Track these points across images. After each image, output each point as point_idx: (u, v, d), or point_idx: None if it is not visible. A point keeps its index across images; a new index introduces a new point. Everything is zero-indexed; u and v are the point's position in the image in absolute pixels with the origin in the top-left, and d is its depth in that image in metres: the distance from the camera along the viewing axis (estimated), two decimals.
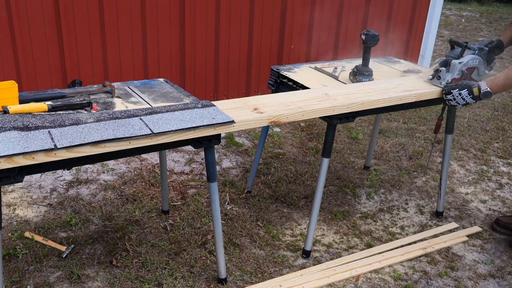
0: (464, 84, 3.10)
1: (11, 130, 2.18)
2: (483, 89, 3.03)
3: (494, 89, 3.03)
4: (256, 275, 3.08)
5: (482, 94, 3.03)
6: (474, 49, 3.28)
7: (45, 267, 3.03)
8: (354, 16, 6.05)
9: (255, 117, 2.62)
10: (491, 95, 3.03)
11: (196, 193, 3.91)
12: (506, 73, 3.01)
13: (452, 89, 3.12)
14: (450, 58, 3.25)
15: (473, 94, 3.06)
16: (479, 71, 3.28)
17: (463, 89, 3.08)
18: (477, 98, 3.08)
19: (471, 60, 3.22)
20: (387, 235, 3.56)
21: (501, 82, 3.02)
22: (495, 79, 3.05)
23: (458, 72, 3.20)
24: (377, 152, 4.77)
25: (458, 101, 3.12)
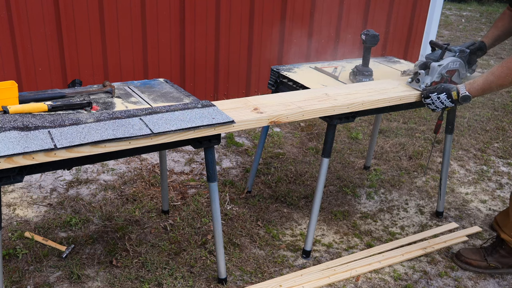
0: (442, 88, 3.01)
1: (11, 130, 2.18)
2: (462, 93, 2.93)
3: (473, 93, 2.93)
4: (256, 275, 3.08)
5: (460, 98, 2.94)
6: (455, 51, 3.18)
7: (45, 267, 3.02)
8: (354, 16, 6.05)
9: (255, 117, 2.62)
10: (469, 99, 2.93)
11: (196, 193, 3.91)
12: (485, 77, 2.90)
13: (430, 93, 3.03)
14: (430, 60, 3.17)
15: (452, 98, 2.97)
16: (460, 74, 3.19)
17: (441, 92, 2.99)
18: (456, 102, 2.98)
19: (451, 63, 3.13)
20: (387, 235, 3.56)
21: (480, 86, 2.90)
22: (474, 82, 2.94)
23: (437, 75, 3.12)
24: (377, 152, 4.77)
25: (437, 105, 3.04)
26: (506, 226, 3.18)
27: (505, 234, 3.18)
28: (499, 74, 2.80)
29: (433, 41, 3.29)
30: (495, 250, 3.22)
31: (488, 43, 3.34)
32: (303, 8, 5.60)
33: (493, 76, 2.82)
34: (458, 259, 3.28)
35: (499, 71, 2.80)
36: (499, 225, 3.24)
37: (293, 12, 5.56)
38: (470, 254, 3.26)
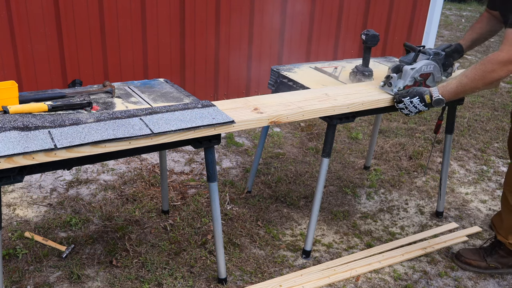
0: (415, 92, 2.91)
1: (11, 130, 2.18)
2: (435, 97, 2.85)
3: (446, 96, 2.85)
4: (256, 275, 3.08)
5: (433, 101, 2.86)
6: (429, 53, 3.11)
7: (45, 267, 3.03)
8: (354, 16, 6.05)
9: (255, 117, 2.62)
10: (443, 102, 2.85)
11: (196, 193, 3.91)
12: (458, 79, 2.80)
13: (403, 97, 2.94)
14: (403, 63, 3.08)
15: (425, 102, 2.88)
16: (434, 77, 3.10)
17: (414, 96, 2.90)
18: (430, 106, 2.90)
19: (424, 66, 3.04)
20: (387, 235, 3.56)
21: (453, 89, 2.82)
22: (447, 85, 2.86)
23: (410, 78, 3.02)
24: (377, 152, 4.77)
25: (410, 109, 2.94)
26: (501, 228, 3.18)
27: (501, 236, 3.19)
28: (473, 77, 2.72)
29: (407, 44, 3.20)
30: (494, 250, 3.22)
31: (465, 46, 3.28)
32: (303, 7, 5.61)
33: (467, 79, 2.75)
34: (458, 259, 3.28)
35: (472, 74, 2.72)
36: (496, 227, 3.25)
37: (293, 11, 5.56)
38: (469, 254, 3.26)
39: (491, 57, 2.63)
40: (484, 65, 2.66)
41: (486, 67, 2.65)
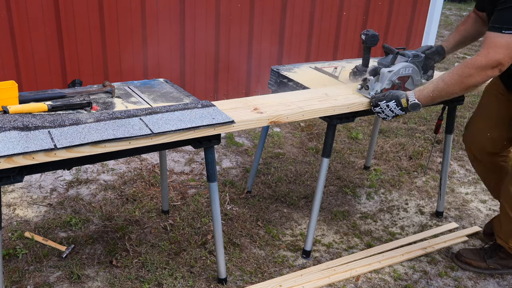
0: (391, 95, 2.83)
1: (11, 130, 2.18)
2: (411, 101, 2.77)
3: (422, 101, 2.76)
4: (256, 275, 3.08)
5: (409, 106, 2.77)
6: (409, 55, 3.02)
7: (45, 267, 3.03)
8: (354, 16, 6.05)
9: (255, 117, 2.62)
10: (419, 107, 2.76)
11: (196, 193, 3.91)
12: (435, 83, 2.72)
13: (379, 101, 2.85)
14: (381, 65, 3.00)
15: (402, 106, 2.80)
16: (413, 80, 3.04)
17: (390, 100, 2.81)
18: (407, 110, 2.82)
19: (402, 69, 2.97)
20: (387, 235, 3.56)
21: (429, 94, 2.74)
22: (424, 89, 2.77)
23: (387, 81, 2.94)
24: (377, 152, 4.77)
25: (387, 113, 2.85)
26: (500, 232, 3.17)
27: (500, 240, 3.17)
28: (450, 82, 2.64)
29: (385, 45, 3.11)
30: (494, 252, 3.21)
31: (448, 48, 3.19)
32: (303, 6, 5.60)
33: (443, 83, 2.67)
34: (458, 259, 3.27)
35: (449, 78, 2.65)
36: (496, 230, 3.24)
37: (293, 11, 5.56)
38: (470, 254, 3.25)
39: (469, 62, 2.55)
40: (461, 70, 2.58)
41: (463, 71, 2.57)
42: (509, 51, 2.44)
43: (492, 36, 2.47)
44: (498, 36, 2.44)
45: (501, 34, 2.43)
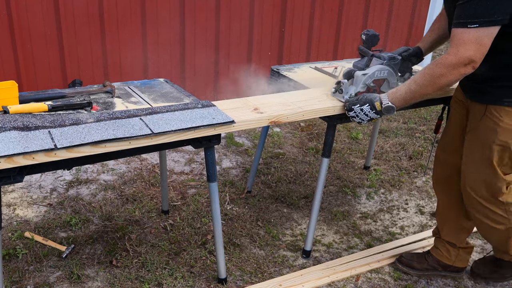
0: (365, 99, 2.73)
1: (11, 130, 2.18)
2: (384, 104, 2.66)
3: (396, 104, 2.65)
4: (256, 275, 3.08)
5: (383, 109, 2.67)
6: (384, 58, 2.92)
7: (45, 267, 3.03)
8: (354, 16, 6.05)
9: (255, 117, 2.62)
10: (393, 110, 2.66)
11: (196, 193, 3.91)
12: (407, 85, 2.60)
13: (353, 105, 2.76)
14: (356, 68, 2.91)
15: (376, 109, 2.70)
16: (389, 83, 2.93)
17: (364, 104, 2.72)
18: (381, 113, 2.72)
19: (377, 71, 2.87)
20: (387, 235, 3.56)
21: (402, 96, 2.62)
22: (397, 92, 2.65)
23: (362, 85, 2.85)
24: (377, 152, 4.77)
25: (362, 117, 2.76)
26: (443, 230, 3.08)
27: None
28: (422, 83, 2.52)
29: (360, 47, 3.00)
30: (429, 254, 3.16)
31: (425, 48, 3.08)
32: (303, 6, 5.60)
33: (416, 84, 2.55)
34: (399, 262, 3.19)
35: (421, 79, 2.53)
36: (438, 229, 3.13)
37: (293, 11, 5.56)
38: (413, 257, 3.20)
39: (439, 61, 2.43)
40: (432, 70, 2.46)
41: (434, 71, 2.45)
42: (478, 46, 2.31)
43: (459, 32, 2.34)
44: (465, 32, 2.31)
45: (467, 29, 2.30)
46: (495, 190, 2.65)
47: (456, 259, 3.09)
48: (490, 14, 2.24)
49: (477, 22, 2.26)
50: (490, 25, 2.26)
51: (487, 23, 2.25)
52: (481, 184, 2.67)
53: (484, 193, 2.68)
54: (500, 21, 2.26)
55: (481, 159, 2.62)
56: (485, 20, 2.25)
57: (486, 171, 2.62)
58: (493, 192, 2.66)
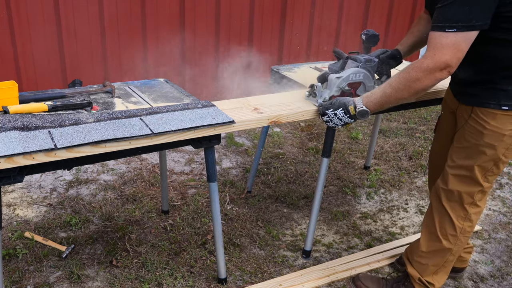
0: (339, 103, 2.66)
1: (11, 130, 2.18)
2: (359, 108, 2.58)
3: (371, 108, 2.57)
4: (256, 275, 3.08)
5: (357, 113, 2.59)
6: (360, 60, 2.84)
7: (45, 267, 3.03)
8: (354, 15, 6.04)
9: (255, 117, 2.62)
10: (368, 114, 2.58)
11: (196, 193, 3.91)
12: (382, 89, 2.52)
13: (326, 109, 2.69)
14: (331, 71, 2.84)
15: (350, 113, 2.63)
16: (366, 87, 2.86)
17: (338, 108, 2.65)
18: (355, 118, 2.65)
19: (352, 74, 2.80)
20: (387, 235, 3.56)
21: (378, 100, 2.54)
22: (372, 95, 2.57)
23: (336, 88, 2.78)
24: (377, 152, 4.77)
25: (336, 122, 2.70)
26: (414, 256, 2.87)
27: (412, 268, 2.88)
28: (397, 87, 2.44)
29: (335, 49, 2.92)
30: (397, 285, 2.95)
31: (404, 51, 2.99)
32: (303, 6, 5.60)
33: (391, 88, 2.47)
34: (354, 283, 3.03)
35: (396, 83, 2.45)
36: (409, 258, 2.93)
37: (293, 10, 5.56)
38: (369, 282, 3.00)
39: (415, 65, 2.36)
40: (408, 74, 2.39)
41: (410, 75, 2.37)
42: (455, 51, 2.24)
43: (437, 36, 2.27)
44: (442, 36, 2.24)
45: (445, 33, 2.23)
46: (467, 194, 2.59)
47: (456, 260, 3.08)
48: (469, 19, 2.18)
49: (455, 26, 2.20)
50: (468, 30, 2.20)
51: (465, 27, 2.19)
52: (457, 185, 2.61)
53: (453, 197, 2.62)
54: (478, 26, 2.20)
55: (464, 161, 2.56)
56: (463, 24, 2.19)
57: (466, 173, 2.56)
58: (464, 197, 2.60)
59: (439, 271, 2.81)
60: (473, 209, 2.63)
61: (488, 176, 2.56)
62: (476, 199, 2.60)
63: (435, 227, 2.73)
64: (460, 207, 2.63)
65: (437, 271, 2.81)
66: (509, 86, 2.36)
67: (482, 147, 2.48)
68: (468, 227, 2.66)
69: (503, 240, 3.58)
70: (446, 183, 2.65)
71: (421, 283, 2.84)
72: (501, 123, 2.40)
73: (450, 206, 2.65)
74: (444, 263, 2.78)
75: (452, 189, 2.62)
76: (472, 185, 2.58)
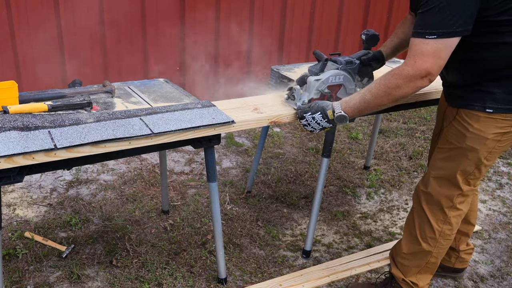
0: (317, 106, 2.59)
1: (11, 130, 2.18)
2: (337, 113, 2.52)
3: (349, 113, 2.51)
4: (256, 275, 3.08)
5: (335, 118, 2.53)
6: (341, 62, 2.78)
7: (45, 267, 3.02)
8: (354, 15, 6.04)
9: (255, 117, 2.62)
10: (346, 119, 2.52)
11: (196, 193, 3.91)
12: (362, 94, 2.47)
13: (305, 113, 2.63)
14: (311, 73, 2.77)
15: (328, 118, 2.56)
16: (346, 89, 2.81)
17: (316, 112, 2.58)
18: (333, 122, 2.59)
19: (332, 77, 2.74)
20: (387, 235, 3.56)
21: (356, 106, 2.48)
22: (351, 100, 2.51)
23: (315, 91, 2.72)
24: (377, 152, 4.77)
25: (314, 126, 2.63)
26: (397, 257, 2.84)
27: (396, 269, 2.85)
28: (377, 93, 2.39)
29: (315, 52, 2.83)
30: (385, 287, 2.92)
31: (387, 53, 2.96)
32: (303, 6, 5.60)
33: (370, 94, 2.43)
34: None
35: (376, 89, 2.40)
36: (393, 258, 2.89)
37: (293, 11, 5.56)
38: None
39: (396, 71, 2.31)
40: (388, 80, 2.34)
41: (390, 82, 2.33)
42: (436, 59, 2.19)
43: (417, 43, 2.21)
44: (423, 43, 2.19)
45: (426, 40, 2.17)
46: (446, 198, 2.56)
47: (456, 261, 3.08)
48: (449, 25, 2.13)
49: (436, 33, 2.15)
50: (449, 37, 2.15)
51: (445, 34, 2.14)
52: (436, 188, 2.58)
53: (433, 200, 2.60)
54: (460, 33, 2.15)
55: (446, 164, 2.53)
56: (443, 31, 2.14)
57: (446, 176, 2.54)
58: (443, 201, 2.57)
59: (423, 271, 2.78)
60: (452, 213, 2.60)
61: (470, 179, 2.52)
62: (456, 203, 2.57)
63: (415, 229, 2.71)
64: (439, 210, 2.61)
65: (420, 271, 2.79)
66: (495, 88, 2.32)
67: (464, 150, 2.44)
68: (448, 230, 2.63)
69: (503, 240, 3.58)
70: (426, 185, 2.63)
71: (405, 283, 2.82)
72: (485, 126, 2.37)
73: (429, 209, 2.63)
74: (427, 264, 2.75)
75: (431, 192, 2.60)
76: (451, 188, 2.55)
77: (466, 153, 2.44)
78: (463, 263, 3.10)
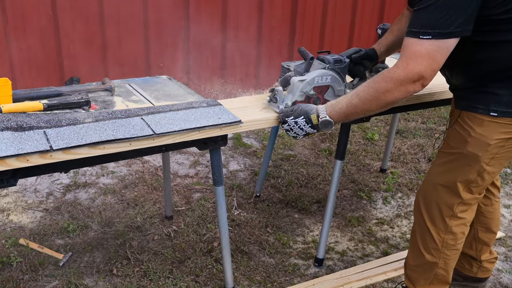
0: (300, 110, 2.50)
1: (4, 131, 2.17)
2: (322, 117, 2.42)
3: (335, 118, 2.42)
4: (265, 284, 3.07)
5: (320, 123, 2.44)
6: (328, 61, 2.67)
7: (41, 276, 3.03)
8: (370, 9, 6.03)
9: (264, 117, 2.61)
10: (331, 125, 2.43)
11: (202, 197, 3.90)
12: (349, 98, 2.38)
13: (287, 117, 2.53)
14: (296, 73, 2.67)
15: (312, 123, 2.46)
16: (335, 91, 2.71)
17: (299, 116, 2.49)
18: (318, 128, 2.48)
19: (318, 77, 2.63)
20: (404, 242, 3.55)
21: (343, 111, 2.39)
22: (337, 104, 2.42)
23: (299, 93, 2.62)
24: (394, 154, 4.76)
25: (296, 131, 2.53)
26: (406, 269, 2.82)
27: (408, 281, 2.82)
28: (365, 97, 2.31)
29: (301, 49, 2.72)
30: None
31: (380, 51, 2.88)
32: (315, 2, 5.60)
33: (358, 98, 2.34)
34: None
35: (364, 93, 2.32)
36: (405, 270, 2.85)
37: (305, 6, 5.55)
38: None
39: (386, 74, 2.24)
40: (378, 83, 2.26)
41: (379, 86, 2.25)
42: (430, 62, 2.12)
43: (411, 43, 2.14)
44: (417, 44, 2.11)
45: (420, 40, 2.10)
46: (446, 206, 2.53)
47: (478, 271, 3.05)
48: (447, 25, 2.05)
49: (431, 33, 2.07)
50: (446, 38, 2.08)
51: (442, 35, 2.07)
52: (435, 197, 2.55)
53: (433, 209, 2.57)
54: (458, 33, 2.08)
55: (446, 168, 2.50)
56: (440, 31, 2.06)
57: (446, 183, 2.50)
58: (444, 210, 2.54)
59: (434, 283, 2.75)
60: (454, 222, 2.56)
61: (472, 187, 2.48)
62: (456, 211, 2.53)
63: (417, 241, 2.69)
64: (440, 219, 2.57)
65: (432, 283, 2.75)
66: (501, 90, 2.27)
67: (465, 157, 2.40)
68: (451, 240, 2.59)
69: None
70: (425, 194, 2.61)
71: None
72: (488, 131, 2.32)
73: (429, 218, 2.60)
74: (436, 276, 2.71)
75: (431, 201, 2.58)
76: (452, 197, 2.51)
77: (467, 160, 2.40)
78: (485, 272, 3.07)
